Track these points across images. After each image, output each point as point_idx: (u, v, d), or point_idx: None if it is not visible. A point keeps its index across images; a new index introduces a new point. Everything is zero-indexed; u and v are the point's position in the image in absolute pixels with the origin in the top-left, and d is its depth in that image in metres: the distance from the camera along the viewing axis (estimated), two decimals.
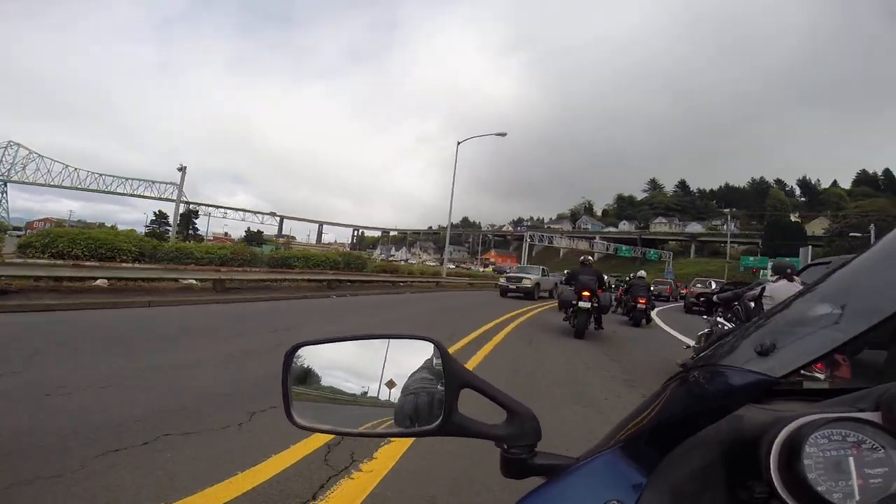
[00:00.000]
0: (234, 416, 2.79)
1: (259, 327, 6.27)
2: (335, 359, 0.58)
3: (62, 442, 2.25)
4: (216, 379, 3.63)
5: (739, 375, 0.41)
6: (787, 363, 0.38)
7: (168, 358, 4.14)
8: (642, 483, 0.42)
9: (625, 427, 0.50)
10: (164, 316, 6.78)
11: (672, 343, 8.56)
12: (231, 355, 4.46)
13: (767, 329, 0.44)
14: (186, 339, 5.21)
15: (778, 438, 0.36)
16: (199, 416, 2.74)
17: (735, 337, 0.47)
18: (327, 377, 0.57)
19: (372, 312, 9.06)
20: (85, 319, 5.91)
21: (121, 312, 6.76)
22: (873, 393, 0.39)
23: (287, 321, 7.04)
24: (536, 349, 6.41)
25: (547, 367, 5.19)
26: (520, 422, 0.50)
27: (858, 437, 0.35)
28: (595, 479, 0.45)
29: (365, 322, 8.00)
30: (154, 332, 5.43)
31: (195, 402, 2.99)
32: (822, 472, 0.34)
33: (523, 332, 8.02)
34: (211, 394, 3.22)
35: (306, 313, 8.38)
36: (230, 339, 5.33)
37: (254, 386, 3.45)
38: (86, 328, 5.34)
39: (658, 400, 0.48)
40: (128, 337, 5.01)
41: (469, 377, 0.51)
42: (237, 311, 7.83)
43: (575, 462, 0.48)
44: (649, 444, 0.45)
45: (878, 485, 0.34)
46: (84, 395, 2.97)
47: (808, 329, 0.41)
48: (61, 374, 3.38)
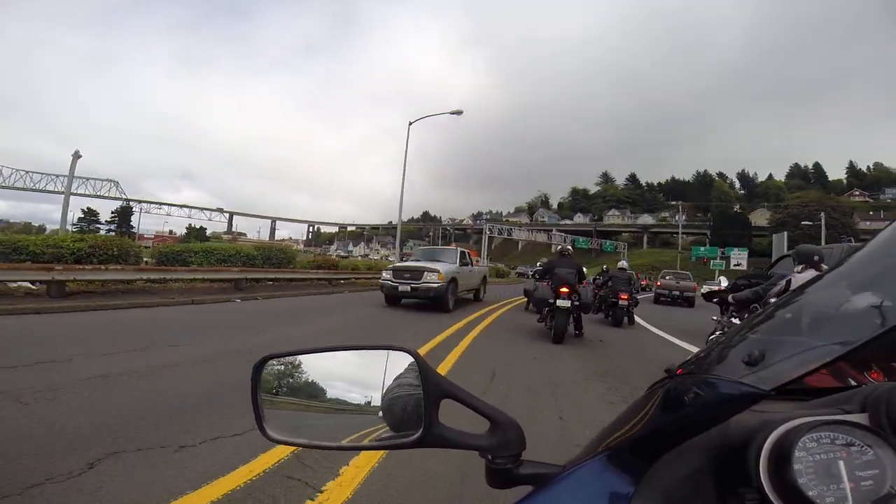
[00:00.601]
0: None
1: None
2: (306, 371, 0.56)
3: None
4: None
5: (727, 387, 0.39)
6: (777, 376, 0.37)
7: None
8: (630, 492, 0.41)
9: (611, 434, 0.48)
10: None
11: (668, 349, 6.71)
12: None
13: (757, 336, 0.43)
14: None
15: (766, 443, 0.36)
16: None
17: (722, 343, 0.46)
18: (301, 389, 0.56)
19: (271, 325, 6.49)
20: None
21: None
22: (859, 393, 0.39)
23: (95, 345, 4.35)
24: (510, 362, 4.82)
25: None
26: (503, 431, 0.48)
27: (847, 440, 0.35)
28: (582, 487, 0.45)
29: (235, 345, 5.41)
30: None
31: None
32: (813, 477, 0.34)
33: (491, 341, 5.91)
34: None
35: (166, 327, 5.67)
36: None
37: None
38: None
39: (644, 407, 0.47)
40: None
41: (449, 387, 0.49)
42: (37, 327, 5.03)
43: (562, 470, 0.48)
44: (636, 451, 0.44)
45: (870, 487, 0.33)
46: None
47: (800, 339, 0.40)
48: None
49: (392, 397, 0.50)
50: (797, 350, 0.38)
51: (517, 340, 6.35)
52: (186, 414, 2.69)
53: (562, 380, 4.27)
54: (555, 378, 4.31)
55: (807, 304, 0.43)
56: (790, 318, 0.43)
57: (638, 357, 5.93)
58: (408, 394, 0.49)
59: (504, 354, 5.27)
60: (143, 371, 3.52)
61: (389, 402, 0.50)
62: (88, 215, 74.58)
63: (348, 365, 0.55)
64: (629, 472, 0.42)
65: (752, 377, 0.37)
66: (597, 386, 4.14)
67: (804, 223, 37.86)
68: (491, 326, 7.61)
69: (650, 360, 5.55)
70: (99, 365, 3.61)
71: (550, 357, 5.33)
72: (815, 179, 79.86)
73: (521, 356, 5.26)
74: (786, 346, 0.39)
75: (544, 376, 4.36)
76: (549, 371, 4.60)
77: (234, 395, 2.90)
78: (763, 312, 0.46)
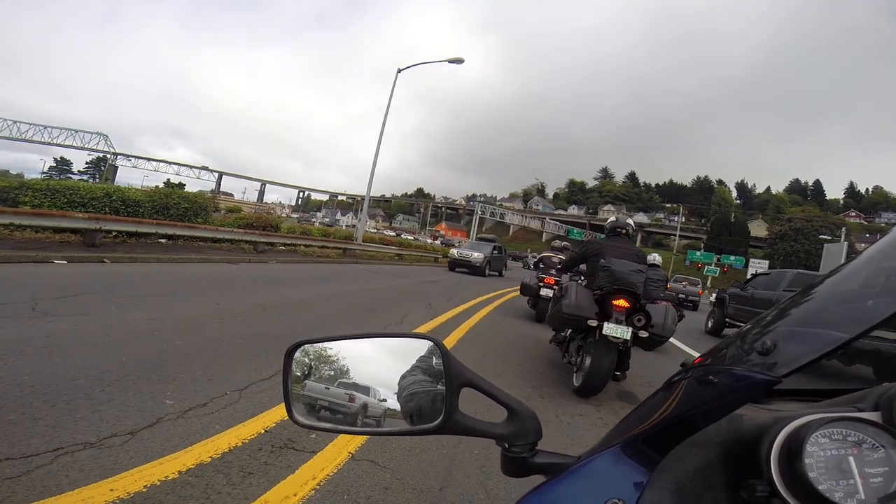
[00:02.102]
0: None
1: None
2: (335, 357, 0.57)
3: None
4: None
5: (740, 375, 0.40)
6: (788, 363, 0.37)
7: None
8: (643, 482, 0.41)
9: (625, 426, 0.49)
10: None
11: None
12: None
13: (768, 328, 0.44)
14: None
15: (779, 438, 0.36)
16: None
17: (735, 337, 0.47)
18: (327, 375, 0.57)
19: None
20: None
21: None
22: (873, 393, 0.39)
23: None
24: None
25: None
26: (521, 421, 0.49)
27: (859, 437, 0.35)
28: (596, 477, 0.45)
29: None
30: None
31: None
32: (823, 472, 0.34)
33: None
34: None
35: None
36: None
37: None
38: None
39: (658, 400, 0.47)
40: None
41: (470, 376, 0.50)
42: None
43: (576, 461, 0.48)
44: (650, 443, 0.45)
45: (879, 484, 0.33)
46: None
47: (809, 328, 0.40)
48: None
49: (414, 384, 0.51)
50: (807, 338, 0.39)
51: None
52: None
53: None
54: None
55: (816, 298, 0.44)
56: (801, 312, 0.44)
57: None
58: (430, 381, 0.51)
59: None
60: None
61: (412, 389, 0.51)
62: (60, 164, 70.52)
63: (374, 352, 0.57)
64: (643, 463, 0.43)
65: (762, 365, 0.38)
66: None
67: (821, 237, 35.36)
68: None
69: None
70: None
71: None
72: (813, 196, 78.32)
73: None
74: (796, 336, 0.40)
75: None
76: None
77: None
78: (776, 308, 0.47)
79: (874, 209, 73.48)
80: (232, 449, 1.89)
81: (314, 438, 2.09)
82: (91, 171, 71.09)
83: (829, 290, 0.44)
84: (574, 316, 3.20)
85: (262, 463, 1.83)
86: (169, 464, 1.69)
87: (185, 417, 2.10)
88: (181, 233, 8.79)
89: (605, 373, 3.21)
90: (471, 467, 2.07)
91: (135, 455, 1.71)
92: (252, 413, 2.26)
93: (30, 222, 6.54)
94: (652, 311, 3.29)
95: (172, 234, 8.61)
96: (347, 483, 1.79)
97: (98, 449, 1.71)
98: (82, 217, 6.94)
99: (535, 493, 0.45)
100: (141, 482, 1.55)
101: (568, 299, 3.24)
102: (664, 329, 3.21)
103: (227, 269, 7.98)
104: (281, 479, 1.73)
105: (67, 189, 8.02)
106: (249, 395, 2.49)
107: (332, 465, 1.89)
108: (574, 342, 3.74)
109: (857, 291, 0.41)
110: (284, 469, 1.81)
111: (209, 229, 9.55)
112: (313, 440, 2.08)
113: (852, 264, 0.44)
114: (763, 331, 0.44)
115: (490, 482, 1.95)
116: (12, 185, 7.84)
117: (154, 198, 9.05)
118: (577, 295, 3.25)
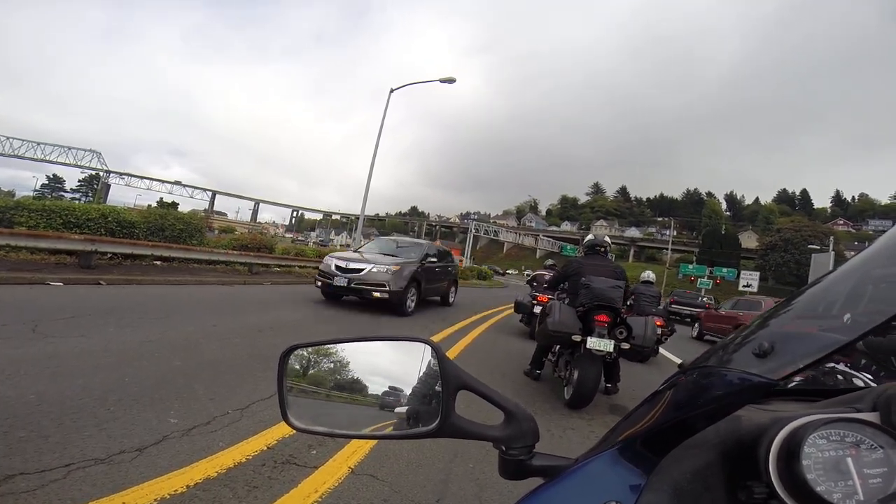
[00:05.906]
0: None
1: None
2: (330, 360, 0.57)
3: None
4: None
5: (737, 378, 0.40)
6: (786, 365, 0.37)
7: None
8: (641, 484, 0.41)
9: (623, 428, 0.49)
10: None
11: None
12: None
13: (766, 331, 0.44)
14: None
15: (777, 439, 0.36)
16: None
17: (733, 339, 0.47)
18: (323, 378, 0.56)
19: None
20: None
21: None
22: (871, 393, 0.39)
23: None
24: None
25: None
26: (517, 423, 0.49)
27: (857, 438, 0.35)
28: (594, 479, 0.45)
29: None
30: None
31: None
32: (822, 473, 0.34)
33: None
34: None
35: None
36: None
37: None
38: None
39: (656, 402, 0.47)
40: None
41: (466, 379, 0.49)
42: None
43: (573, 463, 0.48)
44: (648, 445, 0.44)
45: (878, 485, 0.33)
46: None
47: (806, 331, 0.40)
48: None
49: (410, 387, 0.51)
50: (804, 341, 0.39)
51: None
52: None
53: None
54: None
55: (814, 300, 0.44)
56: (799, 313, 0.44)
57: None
58: (426, 384, 0.50)
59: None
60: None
61: (408, 392, 0.51)
62: (53, 182, 70.18)
63: (369, 355, 0.56)
64: (640, 465, 0.43)
65: (760, 367, 0.38)
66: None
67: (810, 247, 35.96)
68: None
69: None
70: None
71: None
72: (801, 205, 79.91)
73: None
74: (794, 338, 0.40)
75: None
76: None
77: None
78: (774, 309, 0.47)
79: (861, 216, 75.07)
80: (237, 465, 1.96)
81: (315, 454, 2.17)
82: (84, 189, 70.64)
83: (830, 290, 0.43)
84: (559, 332, 3.44)
85: (266, 477, 1.90)
86: (177, 478, 1.77)
87: (189, 435, 2.16)
88: (176, 255, 8.82)
89: (592, 384, 3.40)
90: (466, 480, 2.14)
91: (144, 470, 1.78)
92: (254, 430, 2.33)
93: (26, 243, 6.56)
94: (633, 323, 3.49)
95: (168, 256, 8.66)
96: (348, 496, 1.86)
97: (108, 465, 1.78)
98: (78, 238, 7.00)
99: (534, 494, 0.45)
100: (151, 496, 1.62)
101: (553, 317, 3.47)
102: (645, 339, 3.43)
103: (223, 290, 8.01)
104: (285, 492, 1.81)
105: (63, 210, 8.06)
106: (251, 413, 2.55)
107: (332, 479, 1.96)
108: (563, 357, 3.91)
109: (860, 290, 0.41)
110: (287, 483, 1.88)
111: (204, 251, 9.59)
112: (314, 456, 2.15)
113: (853, 261, 0.44)
114: (761, 332, 0.43)
115: (485, 493, 2.02)
116: (8, 206, 7.84)
117: (149, 219, 9.11)
118: (560, 313, 3.49)
